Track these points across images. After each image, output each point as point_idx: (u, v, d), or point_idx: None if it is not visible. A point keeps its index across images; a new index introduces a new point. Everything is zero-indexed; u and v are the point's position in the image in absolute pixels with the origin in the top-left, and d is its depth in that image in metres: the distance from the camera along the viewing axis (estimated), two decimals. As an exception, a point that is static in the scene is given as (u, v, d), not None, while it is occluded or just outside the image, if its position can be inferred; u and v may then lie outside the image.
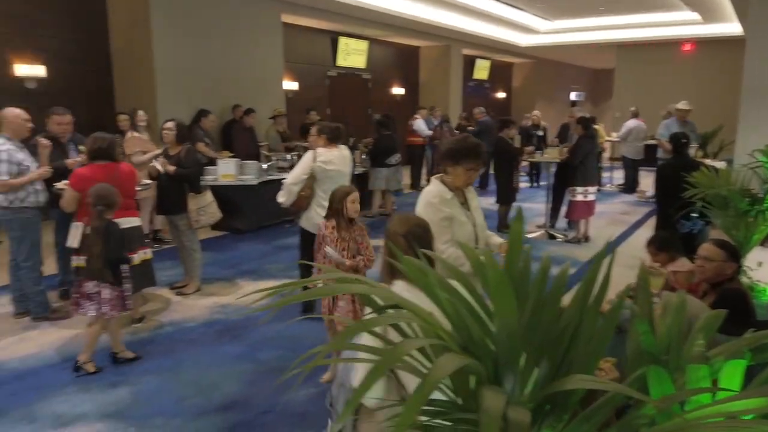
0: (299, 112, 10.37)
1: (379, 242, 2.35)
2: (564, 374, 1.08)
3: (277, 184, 7.93)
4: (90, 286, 3.59)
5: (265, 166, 7.82)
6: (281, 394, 3.46)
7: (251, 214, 7.51)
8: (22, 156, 4.39)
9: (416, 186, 11.40)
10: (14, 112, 4.44)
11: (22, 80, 7.41)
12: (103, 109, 7.94)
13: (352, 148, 8.36)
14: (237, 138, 8.44)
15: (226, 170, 7.11)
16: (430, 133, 11.31)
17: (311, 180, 4.45)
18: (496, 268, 1.15)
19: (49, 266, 4.99)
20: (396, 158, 8.54)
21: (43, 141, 4.59)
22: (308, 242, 4.15)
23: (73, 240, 4.01)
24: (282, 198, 4.51)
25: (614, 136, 12.73)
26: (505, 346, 1.07)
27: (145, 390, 3.50)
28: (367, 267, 3.42)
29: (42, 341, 4.17)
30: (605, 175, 11.90)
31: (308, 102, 11.04)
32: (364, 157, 8.93)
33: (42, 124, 4.98)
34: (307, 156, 4.51)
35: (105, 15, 8.31)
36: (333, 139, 4.59)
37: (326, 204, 3.61)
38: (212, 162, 7.30)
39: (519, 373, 1.08)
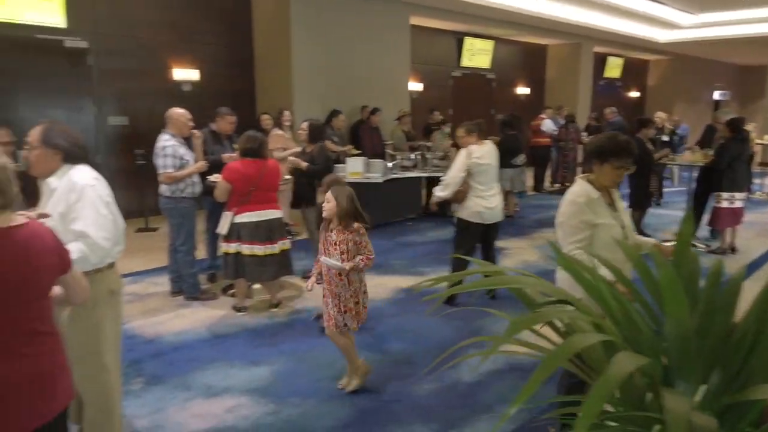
0: (423, 113, 10.51)
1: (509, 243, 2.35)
2: (741, 384, 1.03)
3: (401, 183, 8.27)
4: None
5: (390, 164, 8.03)
6: (407, 385, 3.57)
7: (375, 210, 7.69)
8: (183, 151, 4.88)
9: (539, 188, 11.09)
10: (178, 112, 4.95)
11: (179, 83, 8.24)
12: (245, 109, 8.60)
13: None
14: (364, 137, 8.74)
15: (353, 168, 7.40)
16: (556, 131, 10.95)
17: (467, 176, 4.80)
18: (667, 268, 1.12)
19: (199, 252, 5.51)
20: (521, 159, 8.37)
21: (196, 132, 5.06)
22: (465, 230, 4.92)
23: (223, 227, 4.41)
24: (442, 192, 4.90)
25: (767, 139, 11.50)
26: (677, 348, 1.05)
27: (283, 371, 3.77)
28: (367, 266, 3.42)
29: (194, 318, 4.62)
30: (756, 181, 10.78)
31: (431, 102, 11.14)
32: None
33: (199, 124, 5.50)
34: (462, 154, 4.84)
35: (250, 23, 9.00)
36: (481, 136, 4.93)
37: (484, 194, 4.49)
38: (340, 159, 7.64)
39: (692, 378, 1.04)
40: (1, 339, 1.76)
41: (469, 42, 12.52)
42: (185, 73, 8.24)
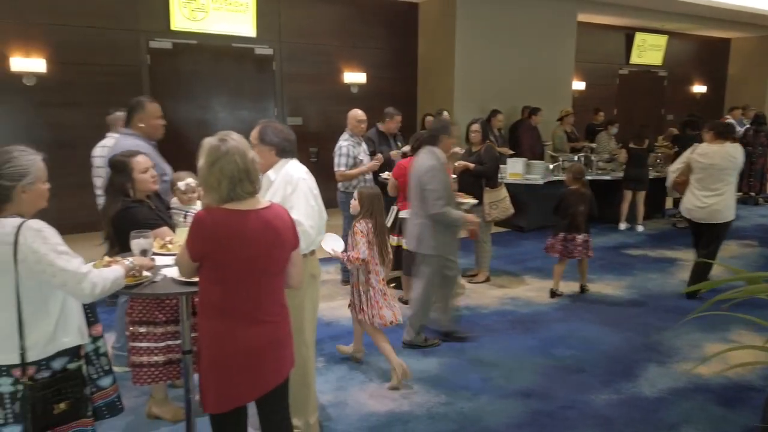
0: (584, 112, 10.07)
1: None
2: None
3: (561, 186, 7.96)
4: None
5: (550, 166, 7.82)
6: (581, 393, 3.48)
7: (534, 213, 7.59)
8: (358, 151, 5.20)
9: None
10: (353, 113, 5.28)
11: (348, 86, 8.76)
12: (408, 111, 8.89)
13: (648, 150, 7.81)
14: (523, 137, 8.60)
15: (513, 169, 7.31)
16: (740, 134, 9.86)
17: (688, 169, 5.09)
18: None
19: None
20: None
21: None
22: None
23: (388, 220, 4.63)
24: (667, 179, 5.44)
25: None
26: None
27: (452, 364, 3.87)
28: (347, 263, 3.55)
29: (364, 307, 4.91)
30: None
31: (594, 102, 10.63)
32: (659, 161, 8.27)
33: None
34: (689, 148, 5.21)
35: (416, 27, 9.28)
36: (720, 135, 5.03)
37: (698, 191, 4.88)
38: (500, 160, 7.58)
39: None
40: (253, 307, 2.06)
41: (640, 38, 11.73)
42: (354, 77, 8.73)
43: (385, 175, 5.32)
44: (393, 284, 5.37)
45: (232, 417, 2.13)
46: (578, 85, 10.97)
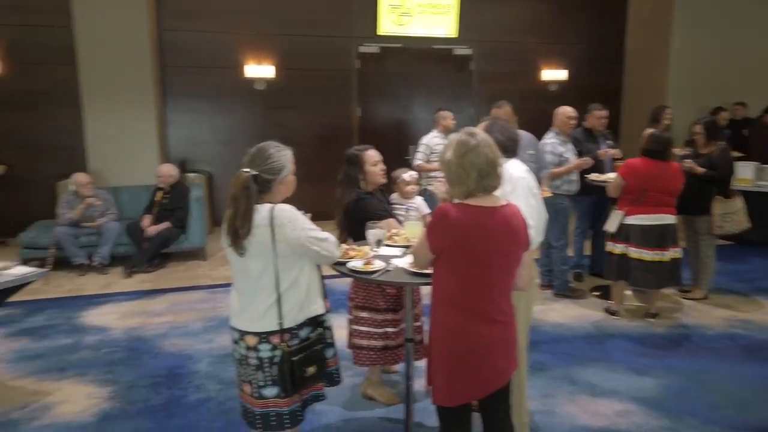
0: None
1: None
2: None
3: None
4: None
5: (789, 172, 6.70)
6: None
7: (767, 225, 6.57)
8: (564, 149, 4.97)
9: None
10: (562, 110, 5.05)
11: (546, 84, 8.46)
12: (610, 107, 8.29)
13: None
14: (753, 138, 7.51)
15: (743, 174, 6.41)
16: None
17: None
18: None
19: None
20: None
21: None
22: None
23: (611, 225, 4.33)
24: None
25: None
26: None
27: (673, 386, 3.51)
28: None
29: (567, 314, 4.68)
30: None
31: None
32: None
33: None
34: None
35: (624, 19, 8.63)
36: None
37: None
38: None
39: None
40: (488, 304, 2.07)
41: None
42: (553, 74, 8.40)
43: (594, 176, 5.02)
44: (598, 293, 5.06)
45: (459, 412, 2.16)
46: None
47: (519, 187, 2.74)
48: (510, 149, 2.87)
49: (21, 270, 3.30)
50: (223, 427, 3.09)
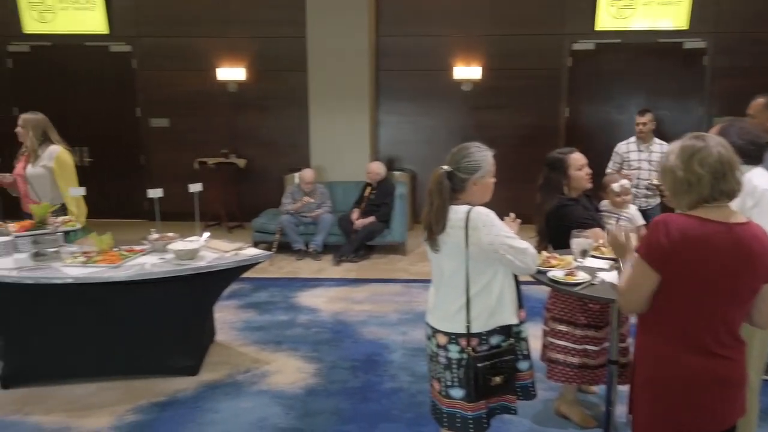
0: None
1: None
2: None
3: None
4: None
5: None
6: None
7: None
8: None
9: None
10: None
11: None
12: None
13: None
14: None
15: None
16: None
17: None
18: None
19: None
20: None
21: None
22: None
23: None
24: None
25: None
26: None
27: None
28: None
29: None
30: None
31: None
32: None
33: None
34: None
35: None
36: None
37: None
38: None
39: None
40: (703, 334, 1.79)
41: None
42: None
43: None
44: None
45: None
46: None
47: (765, 201, 2.35)
48: (752, 155, 2.47)
49: (252, 251, 3.79)
50: (413, 419, 3.19)
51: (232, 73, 7.59)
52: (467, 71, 7.43)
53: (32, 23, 7.65)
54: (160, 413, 3.25)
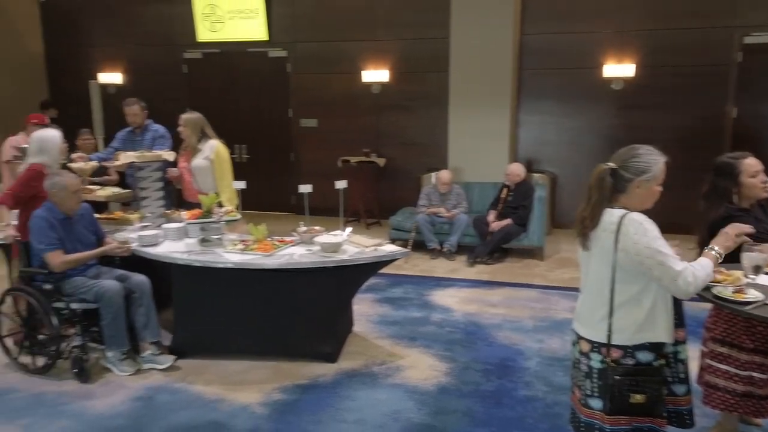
0: None
1: None
2: None
3: None
4: None
5: None
6: None
7: None
8: None
9: None
10: None
11: None
12: None
13: None
14: None
15: None
16: None
17: None
18: None
19: None
20: None
21: None
22: None
23: None
24: None
25: None
26: None
27: None
28: None
29: None
30: None
31: None
32: None
33: None
34: None
35: None
36: None
37: None
38: None
39: None
40: None
41: None
42: None
43: None
44: None
45: None
46: None
47: None
48: None
49: (390, 248, 3.90)
50: (548, 430, 3.08)
51: (376, 75, 7.87)
52: (618, 69, 6.99)
53: (205, 33, 8.51)
54: (302, 394, 3.48)
